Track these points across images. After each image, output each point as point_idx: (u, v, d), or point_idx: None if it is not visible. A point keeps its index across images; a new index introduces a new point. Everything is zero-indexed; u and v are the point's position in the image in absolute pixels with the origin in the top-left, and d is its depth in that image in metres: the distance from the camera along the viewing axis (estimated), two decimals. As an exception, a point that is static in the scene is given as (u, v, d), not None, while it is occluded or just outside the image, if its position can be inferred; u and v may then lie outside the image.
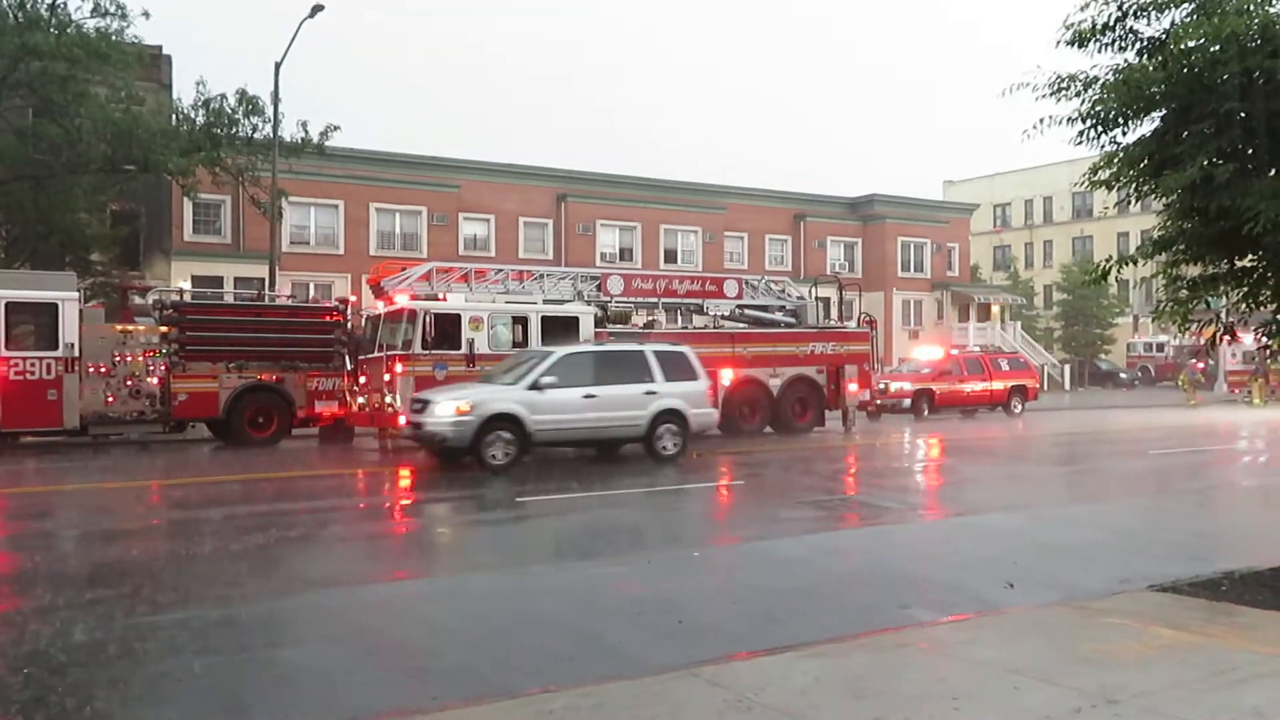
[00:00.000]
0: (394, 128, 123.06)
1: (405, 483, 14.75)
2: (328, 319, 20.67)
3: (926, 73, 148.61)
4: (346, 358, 20.05)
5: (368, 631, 6.36)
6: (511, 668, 5.47)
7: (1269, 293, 6.92)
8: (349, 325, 20.73)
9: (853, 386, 22.26)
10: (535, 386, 14.60)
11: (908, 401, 27.62)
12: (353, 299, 22.23)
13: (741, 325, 22.52)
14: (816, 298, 24.49)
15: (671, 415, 15.78)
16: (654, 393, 15.65)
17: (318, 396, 19.84)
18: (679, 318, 23.35)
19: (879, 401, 26.27)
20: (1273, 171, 6.31)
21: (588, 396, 14.98)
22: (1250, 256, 6.89)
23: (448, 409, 14.30)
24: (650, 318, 22.25)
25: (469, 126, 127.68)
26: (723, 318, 22.47)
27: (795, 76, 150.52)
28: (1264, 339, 7.36)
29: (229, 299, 24.38)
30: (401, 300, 18.41)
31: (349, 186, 34.51)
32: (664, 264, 38.81)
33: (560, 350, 15.73)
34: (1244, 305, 7.23)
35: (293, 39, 25.45)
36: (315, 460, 18.03)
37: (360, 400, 19.07)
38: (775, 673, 5.03)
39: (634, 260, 39.12)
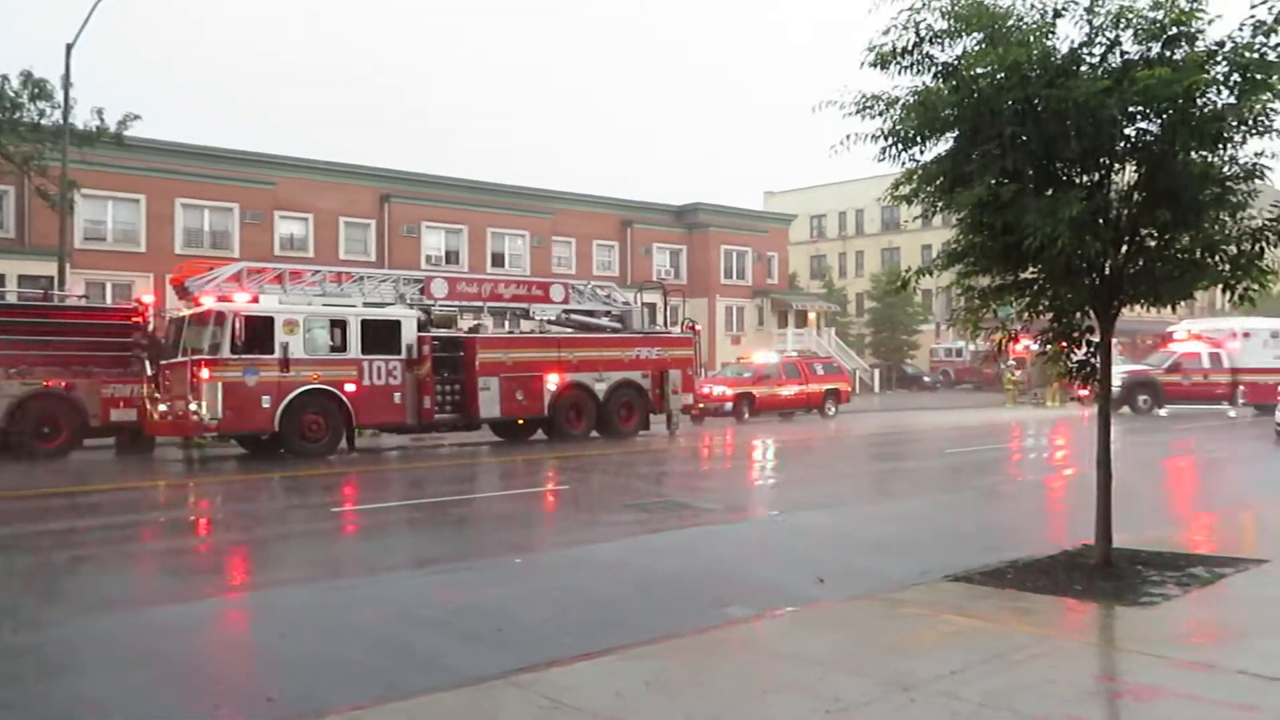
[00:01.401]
0: (205, 123, 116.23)
1: (210, 495, 13.95)
2: (125, 321, 19.32)
3: (751, 86, 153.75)
4: (146, 363, 18.78)
5: (165, 656, 5.95)
6: (320, 685, 5.25)
7: (1045, 303, 7.51)
8: (150, 328, 19.44)
9: (677, 391, 22.72)
10: None
11: (729, 405, 28.46)
12: (152, 299, 20.82)
13: (568, 330, 22.58)
14: (642, 303, 24.86)
15: None
16: None
17: (114, 404, 18.49)
18: (506, 322, 23.17)
19: (702, 405, 26.91)
20: (1049, 191, 6.85)
21: None
22: (1031, 269, 7.45)
23: None
24: (476, 321, 21.99)
25: (286, 125, 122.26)
26: (549, 322, 22.45)
27: (622, 84, 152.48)
28: (1046, 346, 7.98)
29: (10, 298, 22.31)
30: (208, 301, 17.44)
31: (153, 180, 32.32)
32: (491, 268, 38.38)
33: None
34: (1026, 314, 7.81)
35: (87, 18, 23.62)
36: (110, 472, 16.80)
37: (162, 408, 17.91)
38: (592, 677, 5.04)
39: (460, 264, 38.49)
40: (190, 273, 18.74)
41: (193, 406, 16.74)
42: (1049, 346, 7.78)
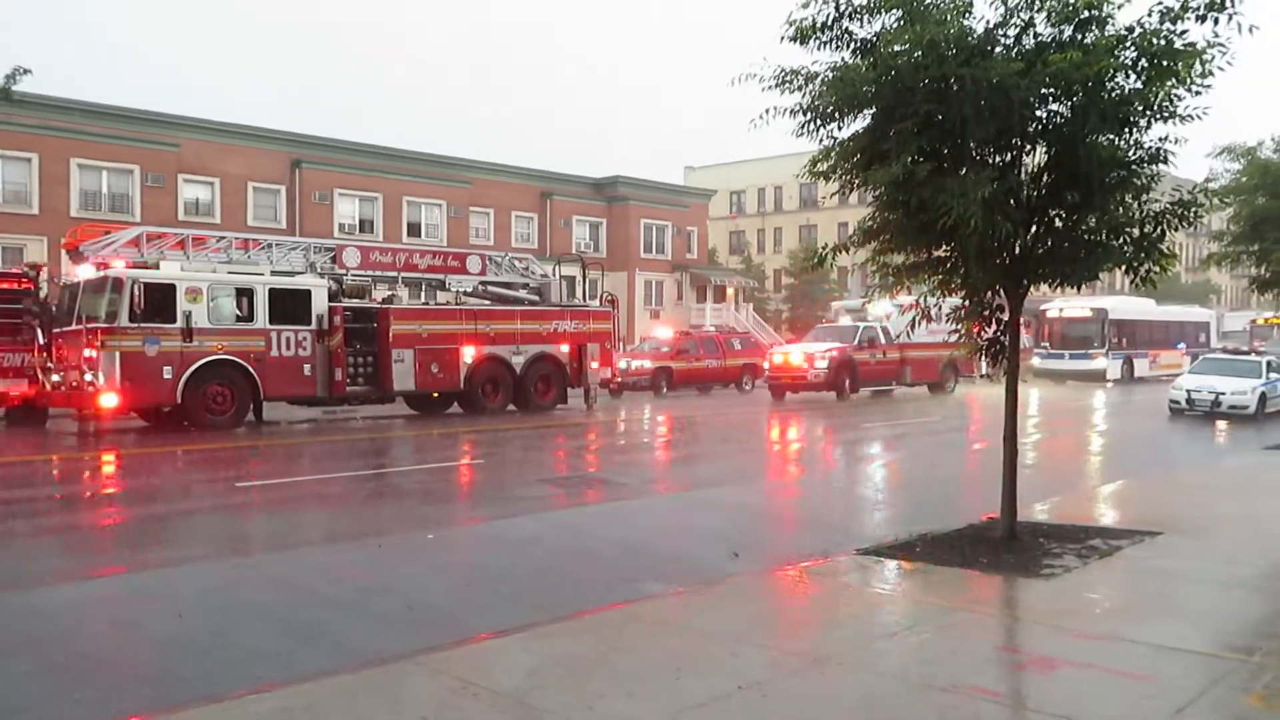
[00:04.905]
0: (107, 81, 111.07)
1: (108, 469, 13.38)
2: (15, 286, 18.35)
3: (674, 61, 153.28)
4: (39, 330, 17.92)
5: (53, 639, 5.65)
6: (220, 669, 5.05)
7: (958, 281, 7.61)
8: (42, 294, 18.53)
9: (595, 364, 22.63)
10: None
11: (648, 379, 28.48)
12: (45, 264, 19.86)
13: (485, 302, 22.24)
14: (561, 276, 24.63)
15: None
16: None
17: (3, 374, 17.62)
18: (421, 293, 22.71)
19: (620, 379, 26.88)
20: (962, 171, 6.91)
21: None
22: (945, 247, 7.53)
23: None
24: (390, 292, 21.51)
25: (192, 84, 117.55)
26: (466, 294, 22.09)
27: (545, 55, 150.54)
28: (958, 324, 8.09)
29: (-111, 261, 21.08)
30: (106, 267, 16.68)
31: (46, 139, 30.69)
32: (407, 237, 37.54)
33: None
34: (940, 291, 7.90)
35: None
36: (-1, 446, 16.00)
37: (55, 378, 17.12)
38: (502, 656, 4.95)
39: (375, 233, 37.57)
40: (85, 236, 17.89)
41: (88, 377, 16.04)
42: (960, 324, 7.91)
